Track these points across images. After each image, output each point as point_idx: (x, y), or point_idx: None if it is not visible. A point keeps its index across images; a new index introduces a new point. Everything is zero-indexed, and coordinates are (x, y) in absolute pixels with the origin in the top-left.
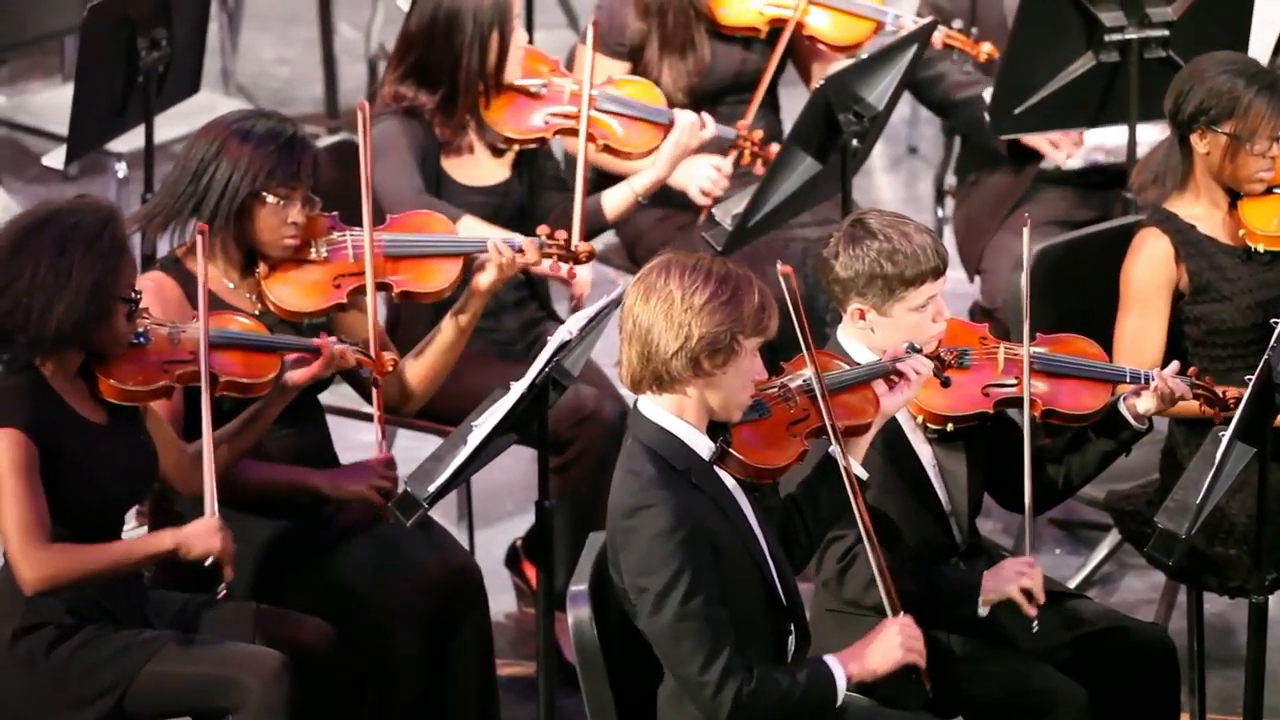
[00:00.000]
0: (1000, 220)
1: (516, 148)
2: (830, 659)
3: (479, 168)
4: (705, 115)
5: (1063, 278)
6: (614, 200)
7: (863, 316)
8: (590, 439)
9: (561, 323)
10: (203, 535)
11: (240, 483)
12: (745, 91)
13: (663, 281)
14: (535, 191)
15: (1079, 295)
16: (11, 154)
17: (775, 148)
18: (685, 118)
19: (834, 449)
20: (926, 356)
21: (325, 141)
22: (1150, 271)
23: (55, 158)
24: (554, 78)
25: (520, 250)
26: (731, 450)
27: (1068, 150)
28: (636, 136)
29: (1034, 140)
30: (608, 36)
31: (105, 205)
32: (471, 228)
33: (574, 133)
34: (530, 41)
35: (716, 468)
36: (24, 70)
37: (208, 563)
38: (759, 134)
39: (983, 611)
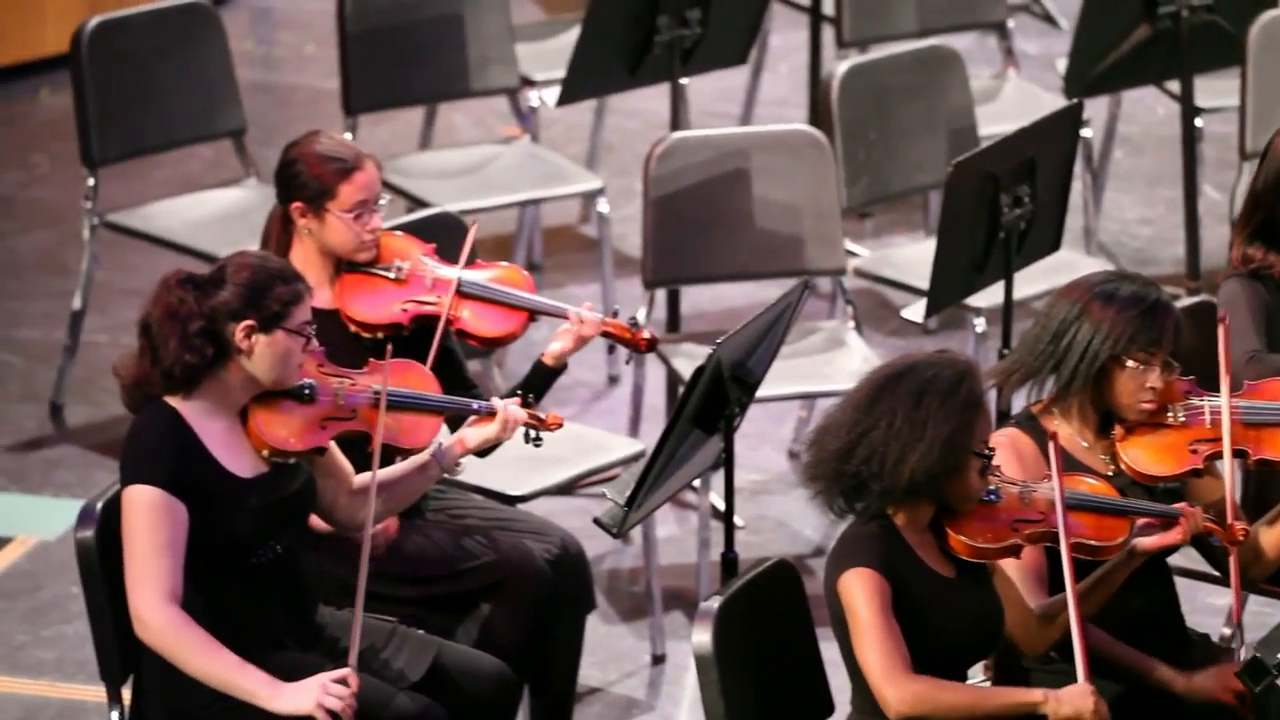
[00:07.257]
0: None
1: None
2: None
3: None
4: None
5: None
6: None
7: None
8: None
9: None
10: (1075, 696)
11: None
12: None
13: None
14: None
15: None
16: (872, 306)
17: None
18: None
19: None
20: None
21: (1184, 303)
22: None
23: (915, 311)
24: None
25: None
26: None
27: None
28: None
29: None
30: None
31: (963, 360)
32: None
33: None
34: None
35: None
36: (888, 224)
37: None
38: None
39: None
